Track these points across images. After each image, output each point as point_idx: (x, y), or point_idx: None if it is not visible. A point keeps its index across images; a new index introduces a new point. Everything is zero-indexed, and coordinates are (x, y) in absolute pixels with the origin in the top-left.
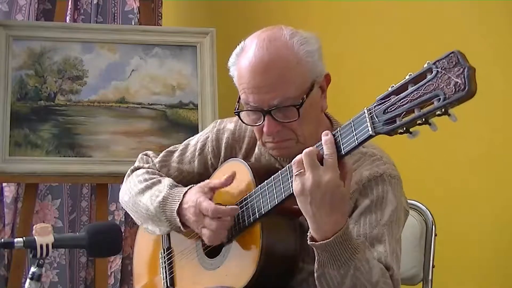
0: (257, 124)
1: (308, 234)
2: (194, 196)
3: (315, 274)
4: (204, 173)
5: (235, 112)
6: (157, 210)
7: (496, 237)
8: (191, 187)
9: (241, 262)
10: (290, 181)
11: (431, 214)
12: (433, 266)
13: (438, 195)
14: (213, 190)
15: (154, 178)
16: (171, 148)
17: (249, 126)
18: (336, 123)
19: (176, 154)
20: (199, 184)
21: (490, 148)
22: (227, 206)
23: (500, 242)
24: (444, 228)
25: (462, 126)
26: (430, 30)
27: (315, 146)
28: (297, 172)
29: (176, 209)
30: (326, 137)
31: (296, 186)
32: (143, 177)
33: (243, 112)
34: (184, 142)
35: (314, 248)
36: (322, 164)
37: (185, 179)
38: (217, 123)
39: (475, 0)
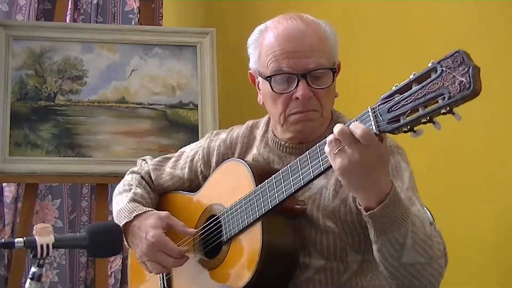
0: (288, 91)
1: (361, 209)
2: (152, 230)
3: (374, 247)
4: (194, 180)
5: (267, 78)
6: (116, 218)
7: (496, 237)
8: (147, 211)
9: (241, 261)
10: (321, 159)
11: (431, 214)
12: None
13: (438, 195)
14: (169, 228)
15: (131, 186)
16: (168, 155)
17: (241, 133)
18: (335, 114)
19: (171, 160)
20: (159, 215)
21: (490, 148)
22: (183, 243)
23: (500, 241)
24: (444, 228)
25: (462, 125)
26: (430, 30)
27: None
28: (337, 150)
29: (122, 226)
30: (353, 123)
31: (339, 162)
32: (126, 182)
33: (273, 79)
34: (180, 150)
35: (371, 220)
36: None
37: (176, 184)
38: (212, 134)
39: (475, 0)
